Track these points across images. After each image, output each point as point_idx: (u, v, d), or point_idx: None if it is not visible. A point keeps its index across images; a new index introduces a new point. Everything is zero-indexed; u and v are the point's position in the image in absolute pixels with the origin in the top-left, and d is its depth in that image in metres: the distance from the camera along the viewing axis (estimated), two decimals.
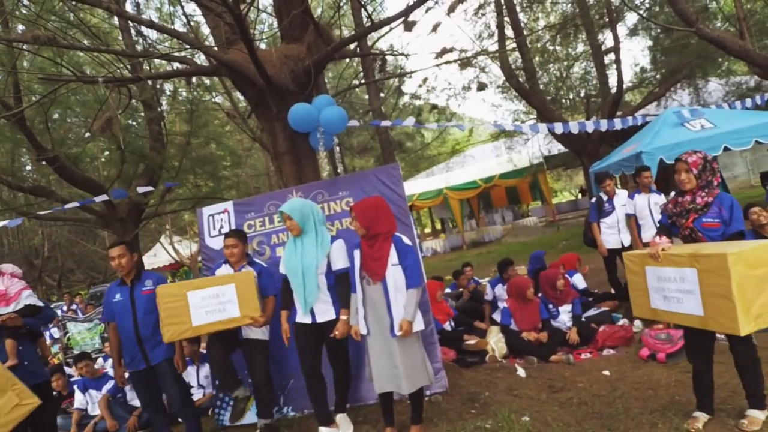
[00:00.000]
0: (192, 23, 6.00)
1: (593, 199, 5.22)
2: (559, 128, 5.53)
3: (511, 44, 11.12)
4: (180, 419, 4.02)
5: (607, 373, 3.58)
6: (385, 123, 5.67)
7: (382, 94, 10.97)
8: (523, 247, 12.36)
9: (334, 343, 3.05)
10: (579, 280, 5.25)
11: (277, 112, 4.33)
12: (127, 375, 3.29)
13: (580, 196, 20.71)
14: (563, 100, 12.87)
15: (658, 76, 11.98)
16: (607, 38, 11.30)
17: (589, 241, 5.19)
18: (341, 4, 6.59)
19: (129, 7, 6.87)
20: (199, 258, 15.13)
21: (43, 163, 7.94)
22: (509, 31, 11.05)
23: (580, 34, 11.78)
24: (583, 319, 4.49)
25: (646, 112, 10.81)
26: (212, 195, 10.50)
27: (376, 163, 12.12)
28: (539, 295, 4.54)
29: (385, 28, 6.78)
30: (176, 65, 5.79)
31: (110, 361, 5.41)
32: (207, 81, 10.11)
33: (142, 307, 3.13)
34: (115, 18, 7.00)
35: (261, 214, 4.03)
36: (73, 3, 4.72)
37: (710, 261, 2.14)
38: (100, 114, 6.57)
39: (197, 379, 4.70)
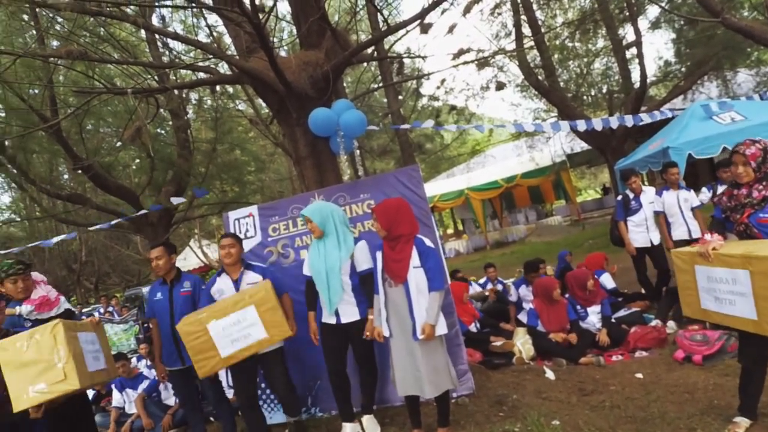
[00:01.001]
0: (214, 34, 6.11)
1: (619, 197, 5.05)
2: (582, 125, 5.36)
3: (528, 42, 10.91)
4: (213, 419, 4.07)
5: (640, 375, 3.43)
6: (405, 126, 5.62)
7: (400, 97, 10.93)
8: (548, 247, 12.10)
9: (360, 343, 3.03)
10: (607, 280, 5.06)
11: (297, 118, 4.33)
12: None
13: (604, 194, 20.16)
14: (584, 97, 12.53)
15: (683, 69, 11.51)
16: (628, 33, 10.94)
17: (616, 239, 5.01)
18: (357, 10, 6.58)
19: (155, 20, 7.03)
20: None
21: (79, 171, 8.20)
22: (527, 30, 10.83)
23: (600, 29, 11.45)
24: (613, 320, 4.32)
25: (672, 107, 10.42)
26: (238, 200, 10.70)
27: (396, 165, 12.09)
28: (566, 295, 4.39)
29: (401, 32, 6.74)
30: (200, 75, 5.90)
31: (143, 361, 5.54)
32: (230, 89, 10.28)
33: (179, 307, 3.22)
34: (142, 31, 7.22)
35: (285, 217, 4.03)
36: (103, 19, 4.84)
37: (764, 264, 2.00)
38: (130, 123, 6.75)
39: (227, 380, 4.75)
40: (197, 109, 11.14)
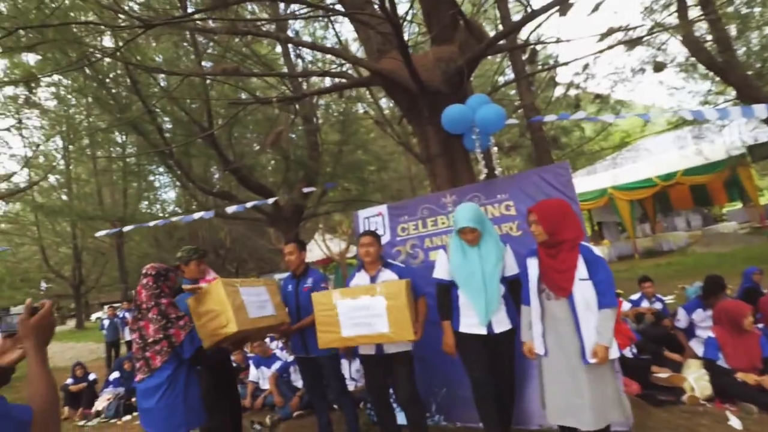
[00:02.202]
0: (342, 41, 6.52)
1: None
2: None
3: (697, 13, 9.31)
4: (336, 406, 4.27)
5: None
6: (549, 117, 5.20)
7: (532, 88, 10.27)
8: (719, 260, 10.22)
9: (508, 355, 2.89)
10: None
11: (429, 116, 4.30)
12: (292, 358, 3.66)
13: None
14: None
15: None
16: None
17: None
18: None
19: (289, 33, 7.79)
20: (349, 255, 16.46)
21: (228, 172, 9.46)
22: None
23: None
24: None
25: None
26: (360, 198, 11.29)
27: (526, 161, 11.41)
28: (759, 325, 3.58)
29: (540, 17, 6.24)
30: (333, 81, 6.29)
31: (276, 342, 6.12)
32: (354, 93, 10.82)
33: (302, 300, 3.48)
34: (278, 47, 7.98)
35: (414, 217, 4.03)
36: (248, 37, 5.44)
37: None
38: (272, 130, 7.52)
39: (349, 372, 5.00)
40: (325, 113, 12.01)
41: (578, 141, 15.57)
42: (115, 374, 6.74)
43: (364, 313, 2.83)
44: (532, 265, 2.60)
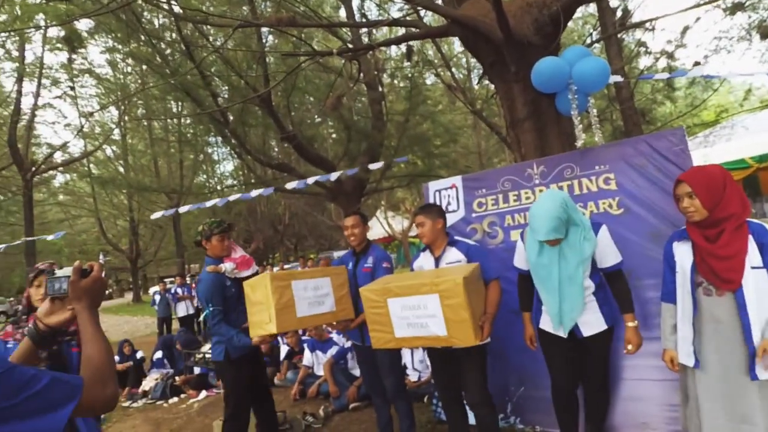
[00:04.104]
0: None
1: None
2: None
3: None
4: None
5: None
6: (661, 75, 4.66)
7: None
8: None
9: (598, 358, 2.63)
10: None
11: (516, 72, 4.00)
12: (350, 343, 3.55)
13: None
14: None
15: None
16: None
17: None
18: None
19: None
20: (411, 234, 16.41)
21: (285, 143, 9.60)
22: None
23: None
24: None
25: None
26: (425, 173, 11.10)
27: (611, 136, 10.65)
28: None
29: None
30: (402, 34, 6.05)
31: None
32: (431, 51, 10.49)
33: (361, 283, 3.27)
34: None
35: (494, 191, 3.79)
36: None
37: None
38: (331, 94, 7.46)
39: (412, 362, 4.87)
40: (391, 81, 11.81)
41: (667, 116, 14.41)
42: (159, 354, 6.94)
43: (417, 313, 2.56)
44: (682, 252, 2.21)
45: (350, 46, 6.37)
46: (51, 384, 0.96)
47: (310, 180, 7.06)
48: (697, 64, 9.40)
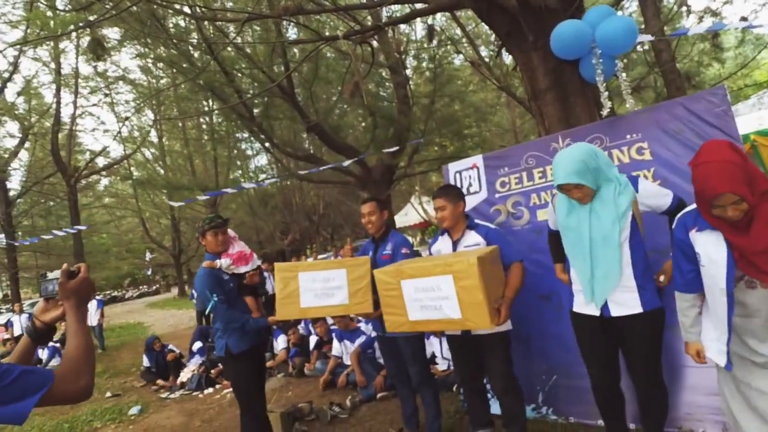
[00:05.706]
0: None
1: None
2: None
3: None
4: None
5: None
6: (698, 28, 4.27)
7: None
8: None
9: (640, 346, 2.35)
10: None
11: (534, 40, 3.77)
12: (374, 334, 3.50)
13: None
14: None
15: None
16: None
17: None
18: None
19: None
20: None
21: (309, 133, 9.61)
22: None
23: None
24: None
25: None
26: (457, 155, 10.86)
27: (653, 103, 10.09)
28: None
29: None
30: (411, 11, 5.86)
31: None
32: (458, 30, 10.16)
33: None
34: None
35: (517, 168, 3.60)
36: None
37: None
38: (348, 79, 7.36)
39: (441, 350, 4.80)
40: (417, 64, 11.59)
41: (716, 78, 13.53)
42: (198, 344, 7.16)
43: (431, 295, 2.49)
44: (707, 243, 1.86)
45: (356, 28, 6.25)
46: (20, 376, 1.08)
47: (323, 168, 7.00)
48: (744, 19, 8.70)
